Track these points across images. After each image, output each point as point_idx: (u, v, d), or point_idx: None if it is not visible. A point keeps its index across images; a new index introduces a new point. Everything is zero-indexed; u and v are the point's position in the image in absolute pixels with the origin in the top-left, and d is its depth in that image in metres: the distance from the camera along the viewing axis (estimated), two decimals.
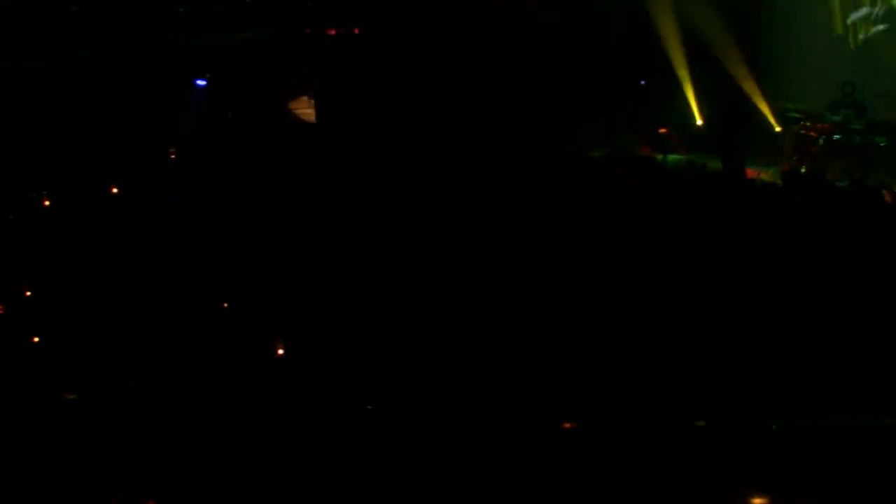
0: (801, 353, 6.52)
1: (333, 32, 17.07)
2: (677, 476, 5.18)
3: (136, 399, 6.38)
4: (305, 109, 17.78)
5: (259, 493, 5.42)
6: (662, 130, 16.39)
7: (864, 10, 15.52)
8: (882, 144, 14.09)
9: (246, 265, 8.68)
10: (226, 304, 7.98)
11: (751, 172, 12.91)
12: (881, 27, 15.16)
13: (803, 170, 12.69)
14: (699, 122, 16.25)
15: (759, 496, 5.09)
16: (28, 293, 8.32)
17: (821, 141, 14.13)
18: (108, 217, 10.35)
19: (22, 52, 14.01)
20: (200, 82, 16.72)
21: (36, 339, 7.48)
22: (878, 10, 15.36)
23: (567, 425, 5.74)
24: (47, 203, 11.02)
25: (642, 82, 16.74)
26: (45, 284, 8.47)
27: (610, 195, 9.82)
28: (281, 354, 7.06)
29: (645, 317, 7.13)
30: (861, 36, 15.49)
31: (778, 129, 15.10)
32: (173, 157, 13.46)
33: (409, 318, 7.34)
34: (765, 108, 15.49)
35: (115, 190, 11.23)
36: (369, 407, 6.28)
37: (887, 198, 9.86)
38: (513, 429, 5.81)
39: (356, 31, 16.98)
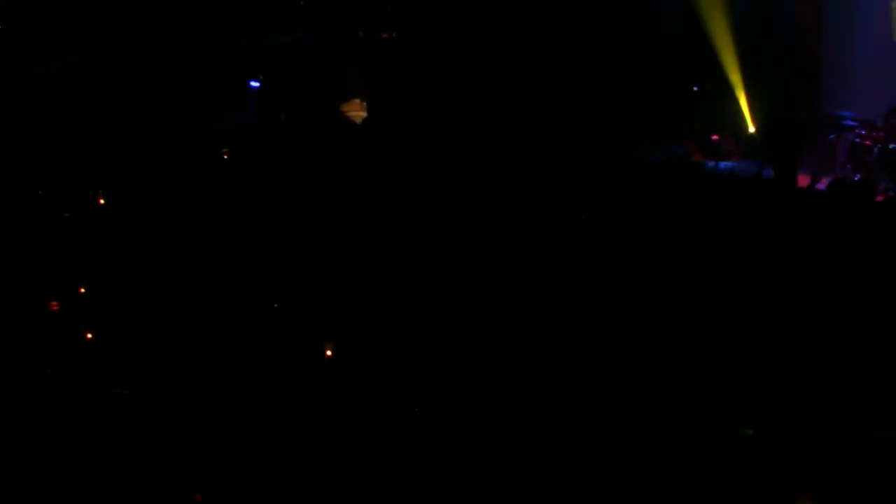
0: (836, 358, 6.48)
1: (385, 35, 17.16)
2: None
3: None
4: (358, 112, 17.93)
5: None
6: (715, 137, 16.30)
7: None
8: None
9: (296, 262, 8.78)
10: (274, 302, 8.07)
11: (803, 180, 12.75)
12: None
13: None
14: (751, 128, 16.10)
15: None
16: (84, 290, 8.48)
17: (875, 149, 13.92)
18: (160, 213, 10.51)
19: (85, 51, 14.27)
20: (254, 83, 16.91)
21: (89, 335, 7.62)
22: None
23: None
24: (102, 201, 11.25)
25: (695, 88, 16.62)
26: (105, 279, 8.63)
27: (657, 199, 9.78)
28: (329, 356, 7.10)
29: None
30: None
31: (831, 136, 14.89)
32: (225, 156, 13.65)
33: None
34: (818, 115, 15.28)
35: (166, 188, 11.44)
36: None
37: None
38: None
39: (409, 33, 17.05)
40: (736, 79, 16.24)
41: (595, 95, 16.02)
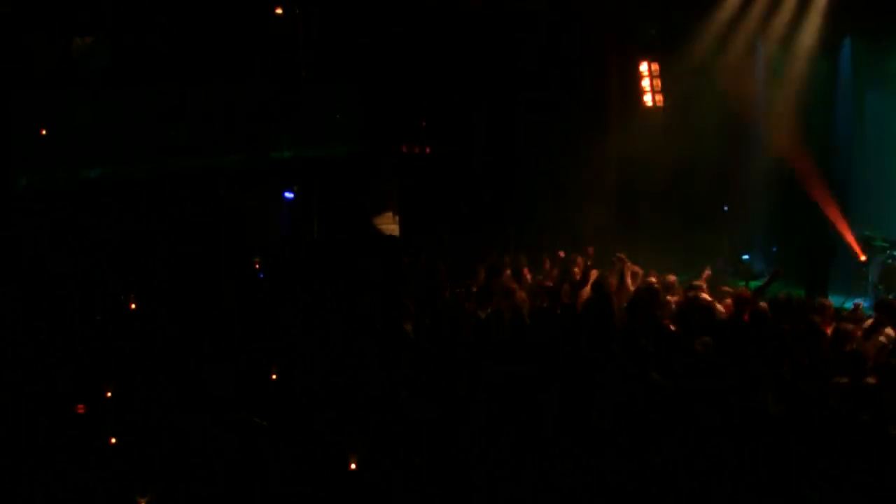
0: None
1: (418, 151, 17.46)
2: None
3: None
4: (390, 225, 18.14)
5: None
6: (746, 257, 16.29)
7: None
8: None
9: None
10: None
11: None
12: None
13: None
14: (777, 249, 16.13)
15: None
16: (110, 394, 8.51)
17: None
18: (188, 320, 10.58)
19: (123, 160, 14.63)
20: (289, 194, 17.18)
21: None
22: None
23: None
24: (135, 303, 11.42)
25: (725, 208, 16.69)
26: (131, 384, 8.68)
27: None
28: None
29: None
30: None
31: (863, 258, 14.85)
32: (257, 266, 13.78)
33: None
34: (850, 237, 15.28)
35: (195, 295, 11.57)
36: None
37: None
38: None
39: (442, 149, 17.34)
40: (765, 199, 16.34)
41: (622, 213, 16.15)
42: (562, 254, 12.74)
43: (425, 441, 7.13)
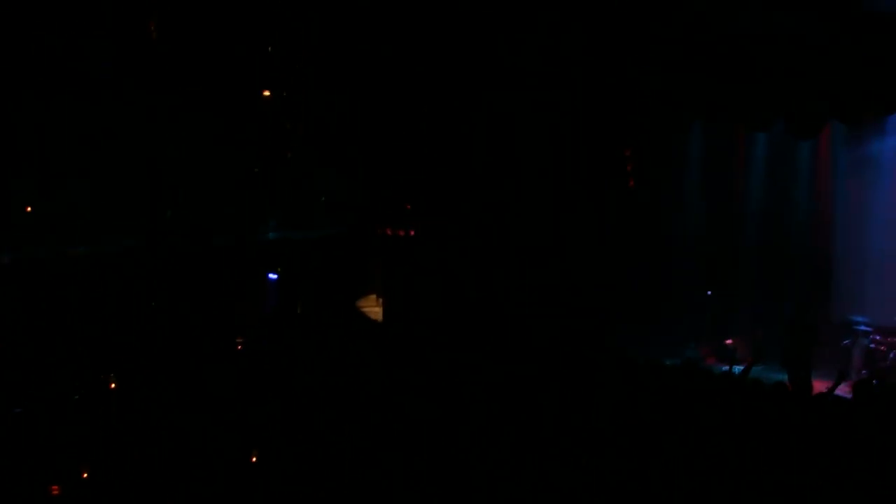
0: None
1: (403, 233, 17.51)
2: None
3: None
4: (374, 307, 18.08)
5: None
6: (729, 341, 16.30)
7: None
8: None
9: None
10: None
11: (818, 385, 12.64)
12: None
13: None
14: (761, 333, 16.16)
15: None
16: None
17: (891, 354, 13.88)
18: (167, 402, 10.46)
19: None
20: (272, 275, 17.16)
21: None
22: None
23: None
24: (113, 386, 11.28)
25: (709, 292, 16.76)
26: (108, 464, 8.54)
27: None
28: None
29: None
30: None
31: (846, 342, 14.89)
32: (240, 347, 13.69)
33: None
34: (833, 320, 15.34)
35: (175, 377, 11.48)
36: None
37: None
38: None
39: (427, 232, 17.39)
40: (747, 283, 16.47)
41: (606, 299, 16.19)
42: None
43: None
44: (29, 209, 13.80)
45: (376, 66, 16.43)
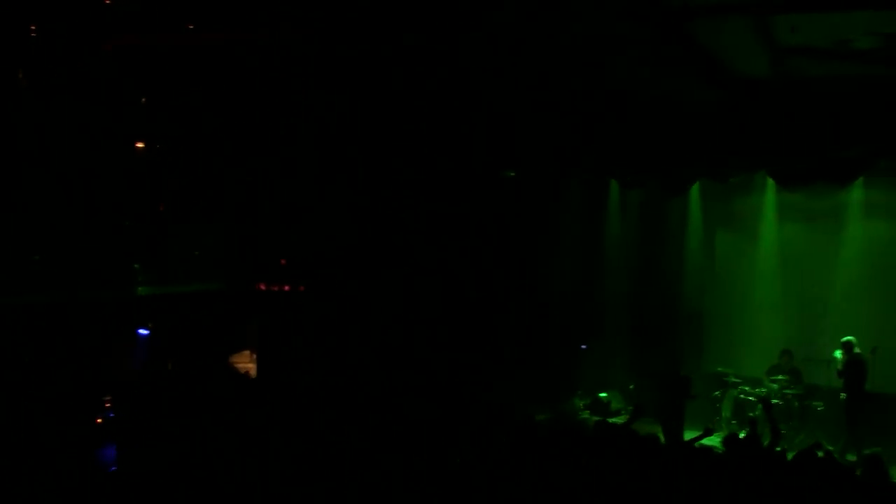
0: None
1: (277, 289, 17.28)
2: None
3: None
4: (247, 363, 17.71)
5: None
6: (602, 395, 16.47)
7: None
8: (819, 409, 14.21)
9: None
10: None
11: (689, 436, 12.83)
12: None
13: (742, 434, 12.66)
14: (634, 386, 16.42)
15: None
16: None
17: (759, 406, 14.21)
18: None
19: None
20: (143, 331, 16.66)
21: None
22: None
23: None
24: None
25: (583, 346, 16.95)
26: None
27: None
28: None
29: None
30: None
31: (716, 393, 15.20)
32: (108, 405, 13.23)
33: None
34: (703, 373, 15.67)
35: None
36: None
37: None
38: None
39: (301, 288, 17.19)
40: (622, 337, 16.73)
41: (489, 350, 16.20)
42: None
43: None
44: None
45: (248, 127, 16.36)
